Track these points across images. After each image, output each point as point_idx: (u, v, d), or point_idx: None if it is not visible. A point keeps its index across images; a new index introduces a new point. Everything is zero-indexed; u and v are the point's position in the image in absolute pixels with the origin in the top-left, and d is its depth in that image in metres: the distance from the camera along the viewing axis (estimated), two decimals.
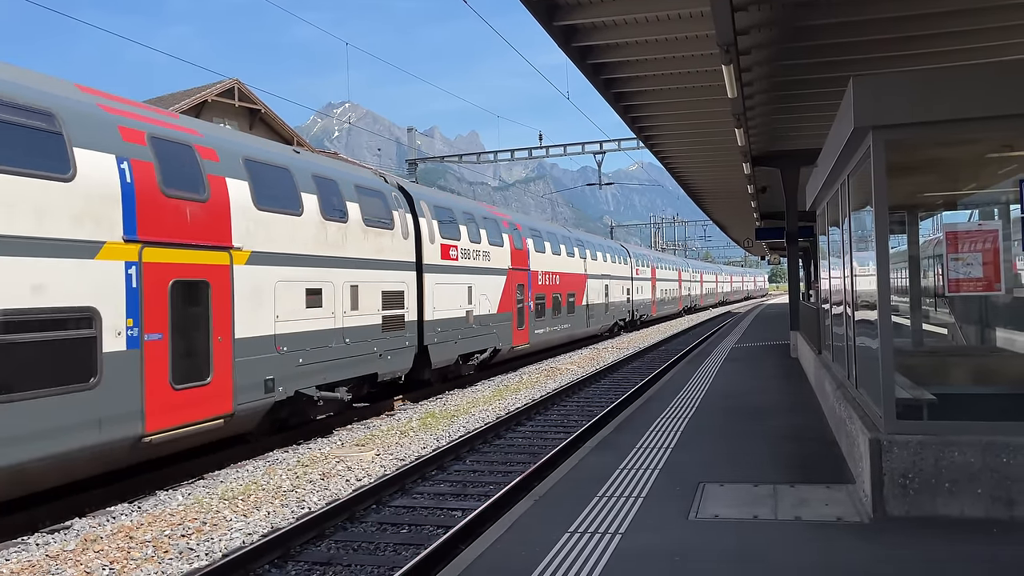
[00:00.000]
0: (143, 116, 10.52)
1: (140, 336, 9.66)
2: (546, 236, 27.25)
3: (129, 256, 9.58)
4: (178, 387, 10.22)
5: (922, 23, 10.78)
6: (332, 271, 13.70)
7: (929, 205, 10.07)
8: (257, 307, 11.77)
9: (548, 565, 5.35)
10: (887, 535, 5.64)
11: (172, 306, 10.13)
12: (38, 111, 8.74)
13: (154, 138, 10.30)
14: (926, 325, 10.52)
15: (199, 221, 10.71)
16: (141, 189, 9.78)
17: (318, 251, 13.33)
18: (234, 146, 12.08)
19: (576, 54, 12.45)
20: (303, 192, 13.12)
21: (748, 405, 11.87)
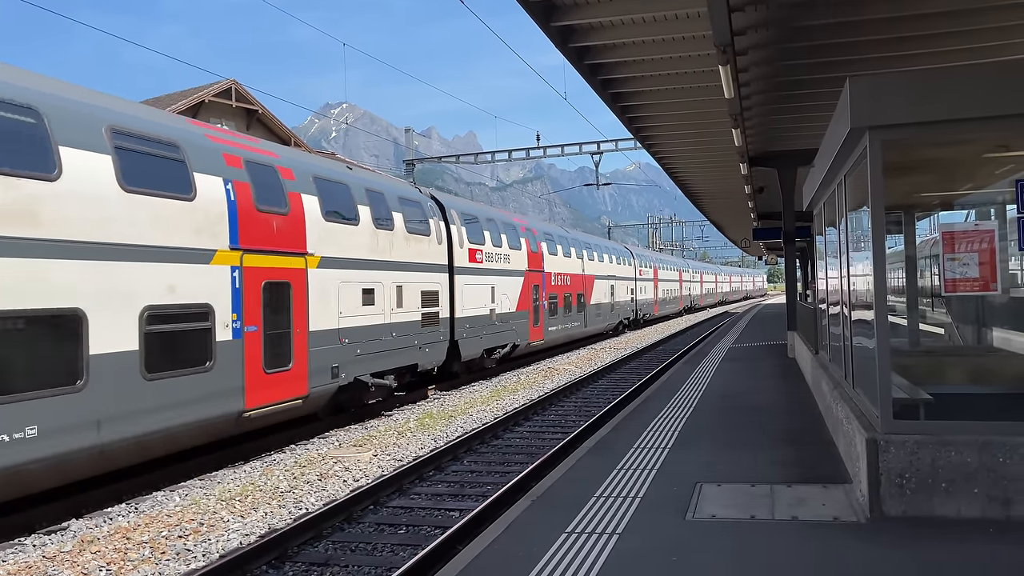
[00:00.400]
0: (237, 143, 12.50)
1: (242, 328, 11.51)
2: (558, 239, 29.07)
3: (233, 261, 11.40)
4: (268, 371, 12.06)
5: (918, 24, 10.80)
6: (382, 273, 15.65)
7: (926, 205, 10.08)
8: (325, 304, 13.60)
9: (546, 565, 5.35)
10: (884, 535, 5.64)
11: (264, 303, 11.98)
12: (167, 143, 10.68)
13: (248, 161, 12.13)
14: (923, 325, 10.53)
15: (282, 231, 12.55)
16: (241, 205, 11.63)
17: (371, 256, 15.26)
18: (305, 165, 14.00)
19: (573, 55, 12.46)
20: (359, 204, 15.02)
21: (745, 405, 11.88)
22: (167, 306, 10.19)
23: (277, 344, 12.30)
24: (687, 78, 13.87)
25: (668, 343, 33.88)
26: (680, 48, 12.31)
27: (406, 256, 16.69)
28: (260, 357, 11.83)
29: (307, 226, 13.16)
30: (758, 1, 9.97)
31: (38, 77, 9.48)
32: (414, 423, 14.72)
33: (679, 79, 14.00)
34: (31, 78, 9.26)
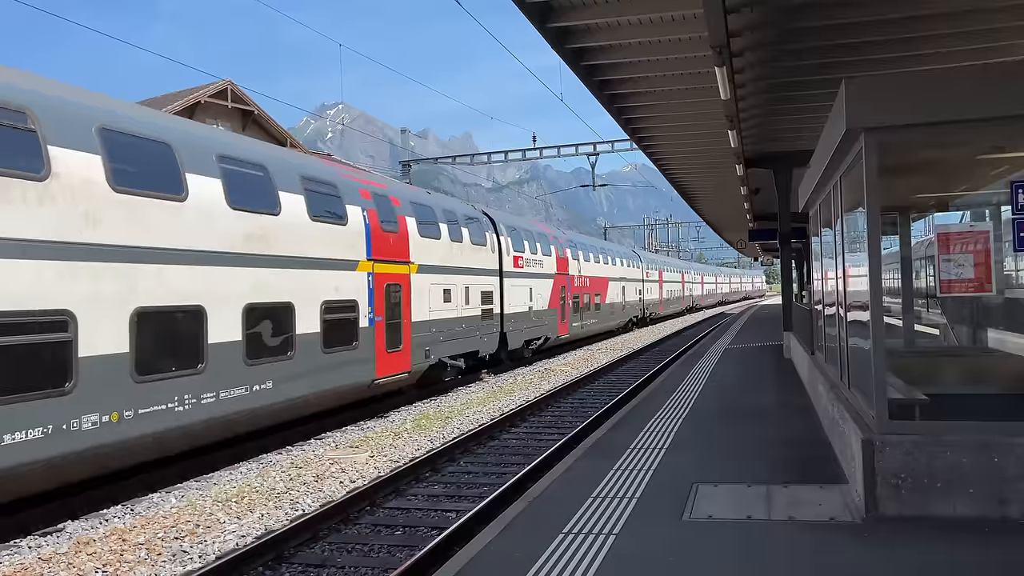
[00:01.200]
0: (365, 179, 17.03)
1: (373, 318, 15.38)
2: (579, 246, 33.18)
3: (369, 269, 15.29)
4: (388, 351, 15.95)
5: (914, 26, 10.84)
6: (455, 277, 19.64)
7: (921, 206, 10.12)
8: (421, 301, 17.55)
9: (543, 566, 5.36)
10: (880, 535, 5.66)
11: (385, 300, 15.90)
12: (330, 184, 14.56)
13: (374, 193, 16.12)
14: (918, 326, 10.57)
15: (395, 246, 16.54)
16: (372, 227, 15.50)
17: (448, 263, 19.21)
18: (406, 193, 18.51)
19: (570, 56, 12.46)
20: (439, 222, 19.11)
21: (742, 406, 11.90)
22: (334, 301, 14.09)
23: (394, 331, 16.32)
24: (683, 79, 13.89)
25: (664, 344, 33.91)
26: (676, 50, 12.32)
27: (471, 263, 20.77)
28: (384, 340, 15.85)
29: (410, 241, 17.23)
30: (754, 3, 9.98)
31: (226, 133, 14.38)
32: (410, 424, 14.72)
33: (675, 80, 14.01)
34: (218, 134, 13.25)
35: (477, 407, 16.66)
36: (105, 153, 9.60)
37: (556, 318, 28.15)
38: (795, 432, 9.65)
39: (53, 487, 9.11)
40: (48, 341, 8.68)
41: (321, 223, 13.80)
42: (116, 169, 9.68)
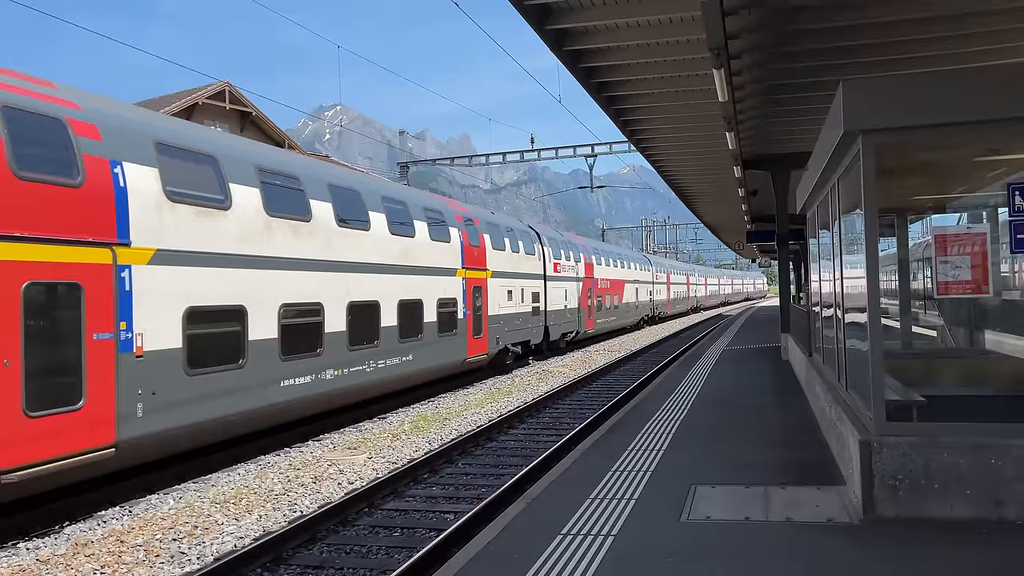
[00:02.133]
0: (458, 205, 22.19)
1: (465, 312, 19.97)
2: (601, 252, 37.89)
3: (463, 275, 20.08)
4: (474, 337, 20.58)
5: (911, 28, 10.87)
6: (515, 280, 24.46)
7: (918, 208, 10.14)
8: (494, 300, 22.24)
9: (541, 567, 5.36)
10: (877, 536, 5.67)
11: (472, 298, 20.50)
12: (438, 211, 19.47)
13: (464, 217, 21.03)
14: (916, 328, 10.59)
15: (478, 257, 21.29)
16: (464, 243, 20.30)
17: (511, 269, 24.04)
18: (484, 215, 24.01)
19: (568, 58, 12.49)
20: (505, 237, 24.09)
21: (740, 408, 11.91)
22: (444, 298, 18.84)
23: (477, 322, 20.88)
24: (681, 81, 13.92)
25: (662, 345, 33.93)
26: (674, 52, 12.35)
27: (525, 269, 25.52)
28: (471, 329, 20.36)
29: (487, 253, 21.94)
30: (752, 5, 10.01)
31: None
32: (408, 426, 14.72)
33: (673, 82, 14.05)
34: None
35: (475, 409, 16.67)
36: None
37: (584, 315, 32.83)
38: (793, 433, 9.67)
39: (310, 414, 13.87)
40: (311, 322, 13.53)
41: (436, 242, 18.69)
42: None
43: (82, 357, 9.00)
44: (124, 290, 9.64)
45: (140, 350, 9.83)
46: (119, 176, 9.72)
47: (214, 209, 11.26)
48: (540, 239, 27.95)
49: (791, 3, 10.04)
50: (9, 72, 9.22)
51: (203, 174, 11.28)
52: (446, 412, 16.28)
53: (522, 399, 17.92)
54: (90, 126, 9.49)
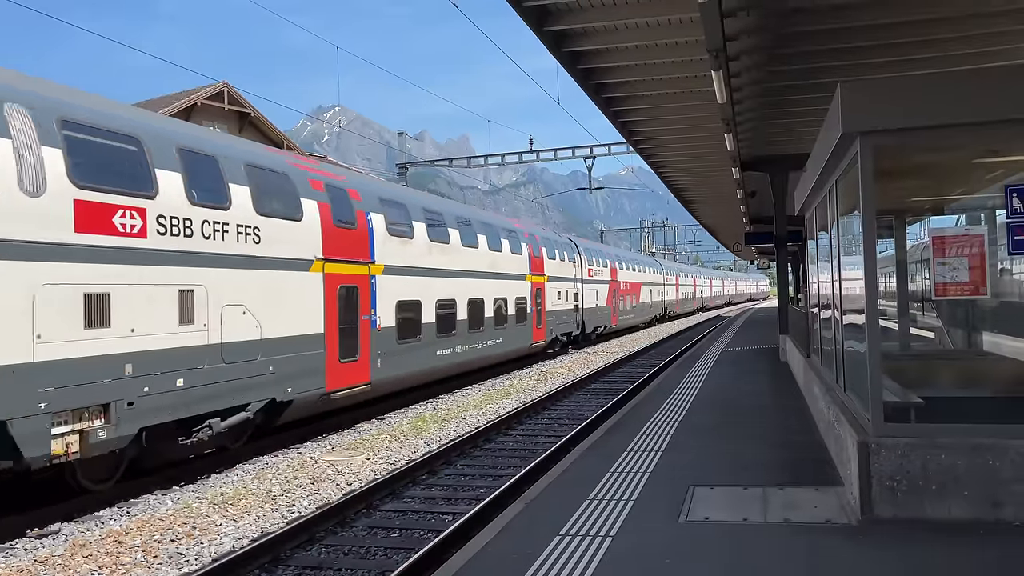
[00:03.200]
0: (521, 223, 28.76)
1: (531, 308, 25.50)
2: (623, 259, 43.92)
3: (529, 280, 25.44)
4: (536, 327, 26.24)
5: (909, 30, 10.88)
6: (562, 284, 29.94)
7: (916, 210, 10.16)
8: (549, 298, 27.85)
9: (539, 568, 5.37)
10: (875, 537, 5.68)
11: (535, 297, 26.07)
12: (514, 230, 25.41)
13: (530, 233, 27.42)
14: (913, 329, 10.60)
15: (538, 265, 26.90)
16: (530, 255, 25.90)
17: (559, 274, 29.56)
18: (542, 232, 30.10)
19: (567, 59, 12.49)
20: (555, 248, 29.80)
21: (738, 409, 11.92)
22: (519, 297, 24.23)
23: (539, 316, 26.56)
24: (680, 83, 13.93)
25: (660, 347, 33.96)
26: (673, 53, 12.36)
27: (567, 274, 30.84)
28: (535, 321, 25.97)
29: (545, 263, 27.83)
30: (750, 7, 10.02)
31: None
32: (407, 426, 14.72)
33: (672, 84, 14.06)
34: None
35: (474, 410, 16.67)
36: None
37: (610, 312, 38.33)
38: (791, 435, 9.67)
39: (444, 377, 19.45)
40: (450, 312, 19.08)
41: (513, 255, 24.37)
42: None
43: (358, 329, 14.80)
44: (373, 290, 15.46)
45: (379, 327, 15.60)
46: (370, 222, 15.61)
47: (407, 239, 17.25)
48: (577, 249, 33.71)
49: (789, 5, 10.06)
50: (318, 162, 17.22)
51: (403, 217, 17.31)
52: (444, 413, 16.27)
53: (521, 400, 17.92)
54: (357, 192, 15.60)
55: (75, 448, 8.94)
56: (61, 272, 8.84)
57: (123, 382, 9.51)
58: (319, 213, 13.65)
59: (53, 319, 8.66)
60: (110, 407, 9.35)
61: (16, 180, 8.41)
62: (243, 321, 11.50)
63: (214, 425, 11.01)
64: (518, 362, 25.81)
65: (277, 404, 12.29)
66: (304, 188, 13.50)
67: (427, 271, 18.00)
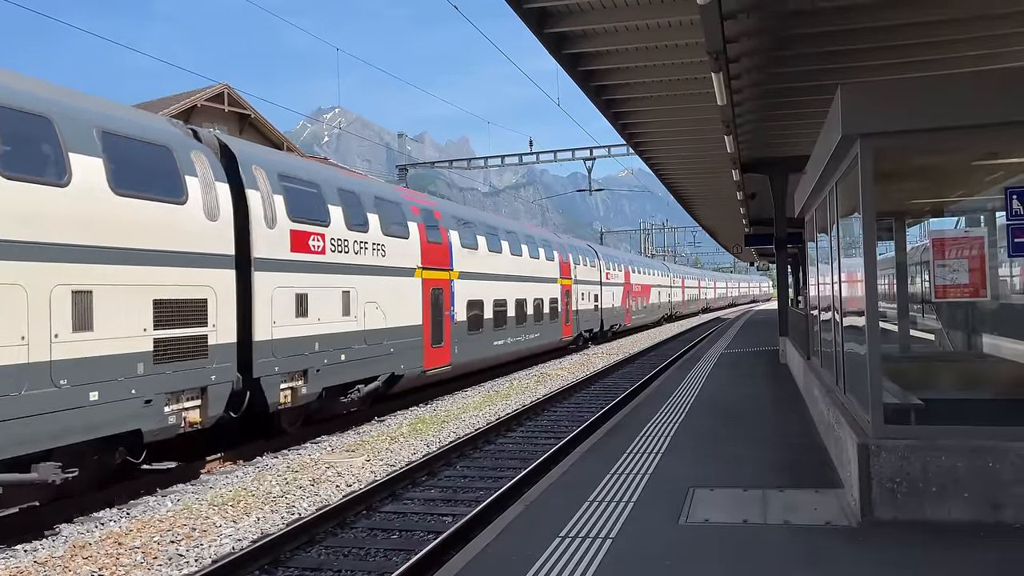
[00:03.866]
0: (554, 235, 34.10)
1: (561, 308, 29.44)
2: (635, 263, 48.33)
3: (559, 283, 29.44)
4: (565, 324, 29.88)
5: (910, 33, 10.89)
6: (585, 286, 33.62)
7: (916, 212, 10.16)
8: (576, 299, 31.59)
9: (539, 570, 5.37)
10: (875, 539, 5.68)
11: (565, 297, 29.85)
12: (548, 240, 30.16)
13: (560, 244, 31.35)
14: (913, 331, 10.60)
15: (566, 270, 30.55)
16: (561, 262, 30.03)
17: (583, 278, 33.24)
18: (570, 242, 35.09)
19: (567, 61, 12.50)
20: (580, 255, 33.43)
21: (737, 410, 11.92)
22: (551, 297, 28.00)
23: (567, 315, 30.09)
24: (680, 85, 13.94)
25: (659, 349, 33.96)
26: (673, 55, 12.37)
27: (590, 278, 34.69)
28: (563, 318, 29.53)
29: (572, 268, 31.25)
30: (750, 9, 10.03)
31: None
32: (407, 428, 14.71)
33: (672, 86, 14.07)
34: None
35: (473, 411, 16.66)
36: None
37: (624, 312, 42.12)
38: (791, 437, 9.67)
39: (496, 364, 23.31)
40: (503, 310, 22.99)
41: (548, 261, 28.35)
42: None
43: (443, 322, 18.76)
44: (452, 291, 19.55)
45: (456, 320, 19.62)
46: (450, 237, 19.84)
47: (474, 250, 21.38)
48: (597, 255, 37.35)
49: (790, 7, 10.06)
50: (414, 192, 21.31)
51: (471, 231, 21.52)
52: (444, 415, 16.27)
53: (520, 402, 17.92)
54: (440, 214, 19.87)
55: (289, 400, 12.86)
56: (284, 279, 12.79)
57: (314, 355, 13.39)
58: (419, 232, 17.88)
59: (281, 311, 12.61)
60: (308, 372, 13.23)
61: (263, 218, 12.35)
62: (376, 314, 15.53)
63: (360, 390, 15.02)
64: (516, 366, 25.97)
65: (395, 377, 16.35)
66: (409, 213, 17.74)
67: (487, 276, 22.17)
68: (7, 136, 8.33)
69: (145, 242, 9.91)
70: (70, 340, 8.81)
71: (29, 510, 9.02)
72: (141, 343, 9.79)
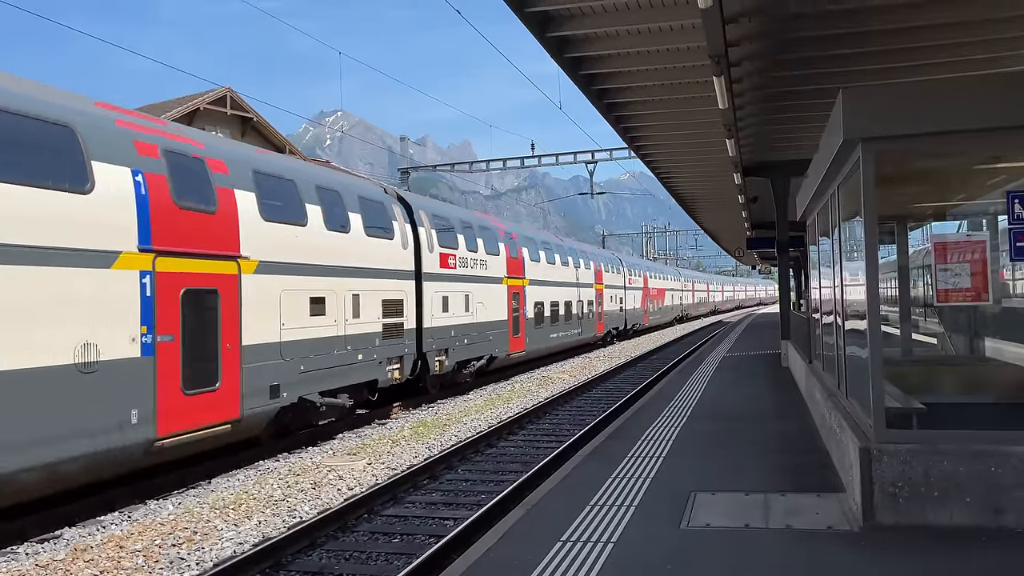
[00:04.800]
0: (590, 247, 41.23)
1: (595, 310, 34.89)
2: (653, 269, 54.04)
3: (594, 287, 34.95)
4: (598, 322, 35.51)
5: (911, 36, 10.88)
6: (612, 290, 38.53)
7: (918, 216, 10.15)
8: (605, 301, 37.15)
9: (540, 575, 5.36)
10: (877, 543, 5.67)
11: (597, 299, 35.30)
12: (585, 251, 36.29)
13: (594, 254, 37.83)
14: (915, 335, 10.59)
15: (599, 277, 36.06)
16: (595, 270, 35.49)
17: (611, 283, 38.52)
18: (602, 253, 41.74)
19: (569, 65, 12.51)
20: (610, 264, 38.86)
21: (739, 414, 11.91)
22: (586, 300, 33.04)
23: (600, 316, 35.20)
24: (681, 88, 13.94)
25: (661, 352, 33.94)
26: (675, 59, 12.37)
27: (616, 283, 39.85)
28: (597, 319, 34.91)
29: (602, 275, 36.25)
30: (752, 13, 10.04)
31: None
32: (408, 431, 14.71)
33: (673, 89, 14.07)
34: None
35: (475, 414, 16.66)
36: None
37: (643, 313, 47.63)
38: (792, 440, 9.67)
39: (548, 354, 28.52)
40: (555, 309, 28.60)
41: (586, 269, 33.15)
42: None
43: (519, 318, 24.17)
44: (525, 295, 24.99)
45: (527, 317, 25.02)
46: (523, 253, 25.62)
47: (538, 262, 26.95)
48: (622, 263, 43.14)
49: (791, 10, 10.06)
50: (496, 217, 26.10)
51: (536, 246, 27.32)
52: (446, 418, 16.27)
53: (522, 405, 17.91)
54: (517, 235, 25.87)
55: (438, 369, 18.81)
56: (437, 286, 18.82)
57: (451, 339, 19.45)
58: (504, 250, 23.88)
59: (436, 308, 18.67)
60: (448, 350, 19.22)
61: (426, 246, 18.38)
62: (483, 311, 21.65)
63: (474, 365, 21.23)
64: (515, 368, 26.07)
65: (492, 357, 22.35)
66: (498, 236, 23.94)
67: (547, 283, 27.85)
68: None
69: (378, 263, 15.85)
70: (352, 323, 14.72)
71: (30, 512, 9.02)
72: (377, 326, 15.68)
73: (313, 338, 13.31)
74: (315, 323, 13.39)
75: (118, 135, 9.89)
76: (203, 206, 10.97)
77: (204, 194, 11.05)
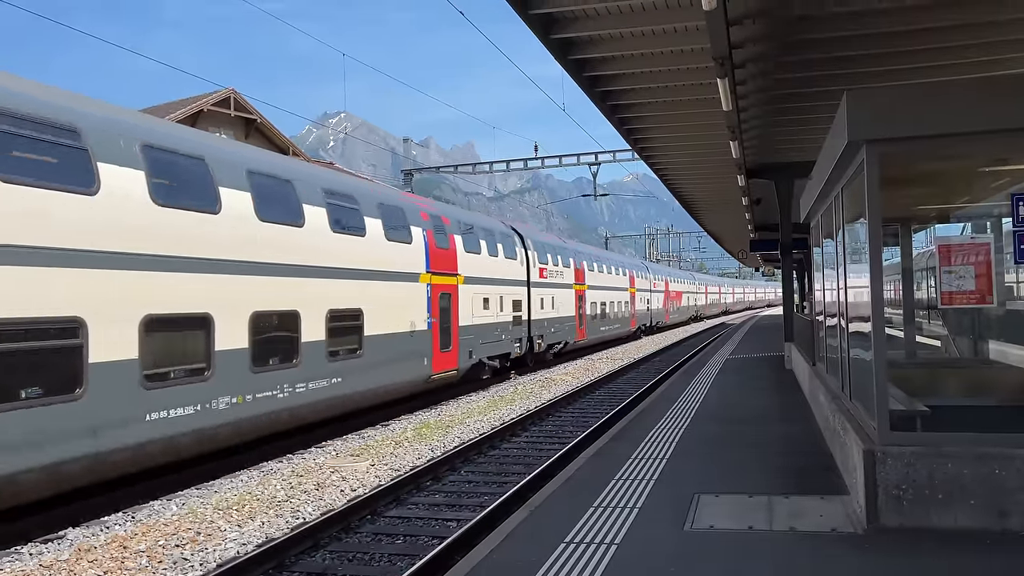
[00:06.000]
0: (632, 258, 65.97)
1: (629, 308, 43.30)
2: (672, 274, 61.15)
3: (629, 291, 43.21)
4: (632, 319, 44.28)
5: (915, 38, 10.88)
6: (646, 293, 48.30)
7: (922, 218, 10.13)
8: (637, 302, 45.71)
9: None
10: (881, 546, 5.66)
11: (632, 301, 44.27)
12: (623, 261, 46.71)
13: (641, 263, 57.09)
14: (919, 337, 10.57)
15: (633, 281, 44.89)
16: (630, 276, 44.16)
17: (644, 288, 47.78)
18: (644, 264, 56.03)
19: (573, 67, 12.52)
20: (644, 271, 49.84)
21: (743, 416, 11.90)
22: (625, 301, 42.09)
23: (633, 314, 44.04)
24: (685, 90, 13.95)
25: (665, 353, 33.93)
26: (679, 61, 12.38)
27: (646, 287, 47.60)
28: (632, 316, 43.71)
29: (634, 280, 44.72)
30: (756, 15, 10.04)
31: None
32: (411, 433, 14.71)
33: (677, 91, 14.07)
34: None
35: (478, 416, 16.66)
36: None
37: (665, 312, 54.63)
38: (796, 442, 9.65)
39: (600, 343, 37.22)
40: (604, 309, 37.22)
41: (622, 276, 41.51)
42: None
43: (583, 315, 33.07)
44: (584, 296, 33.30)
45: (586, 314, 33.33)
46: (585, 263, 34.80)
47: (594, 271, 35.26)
48: (648, 269, 51.01)
49: (795, 12, 10.07)
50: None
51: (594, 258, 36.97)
52: (449, 419, 16.27)
53: (525, 407, 17.91)
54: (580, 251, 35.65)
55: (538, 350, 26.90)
56: (537, 291, 27.01)
57: (544, 328, 27.41)
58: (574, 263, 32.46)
59: (536, 306, 26.74)
60: (543, 336, 27.24)
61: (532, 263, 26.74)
62: (563, 308, 29.78)
63: (554, 347, 28.65)
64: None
65: (565, 344, 29.67)
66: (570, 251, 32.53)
67: (598, 287, 35.32)
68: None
69: (511, 276, 24.49)
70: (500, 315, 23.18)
71: (33, 513, 9.04)
72: (509, 317, 23.91)
73: (484, 323, 21.74)
74: (485, 315, 21.82)
75: (433, 215, 19.41)
76: (444, 247, 19.39)
77: (445, 240, 19.52)
